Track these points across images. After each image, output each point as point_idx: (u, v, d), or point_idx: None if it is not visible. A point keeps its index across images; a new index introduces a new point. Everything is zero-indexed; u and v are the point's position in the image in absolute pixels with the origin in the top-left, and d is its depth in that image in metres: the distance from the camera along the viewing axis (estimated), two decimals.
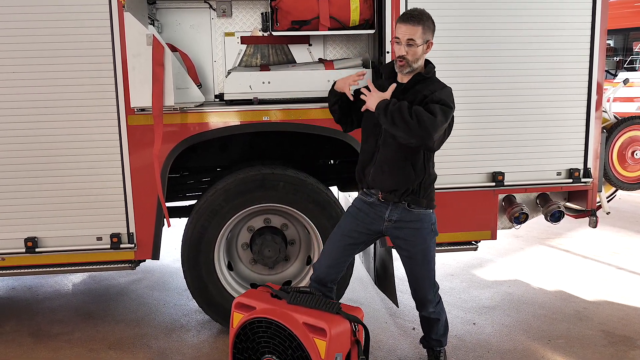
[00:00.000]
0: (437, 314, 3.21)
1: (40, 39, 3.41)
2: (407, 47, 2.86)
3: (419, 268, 3.07)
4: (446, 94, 2.86)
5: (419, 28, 2.84)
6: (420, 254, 3.04)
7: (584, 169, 3.95)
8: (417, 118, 2.68)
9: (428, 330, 3.29)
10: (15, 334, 4.00)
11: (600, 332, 3.92)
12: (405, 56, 2.87)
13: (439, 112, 2.72)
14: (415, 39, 2.84)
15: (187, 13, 3.88)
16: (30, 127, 3.48)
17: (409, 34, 2.84)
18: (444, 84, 2.95)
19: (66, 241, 3.62)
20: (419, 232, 3.02)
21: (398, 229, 3.02)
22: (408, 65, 2.90)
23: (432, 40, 2.93)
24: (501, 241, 5.84)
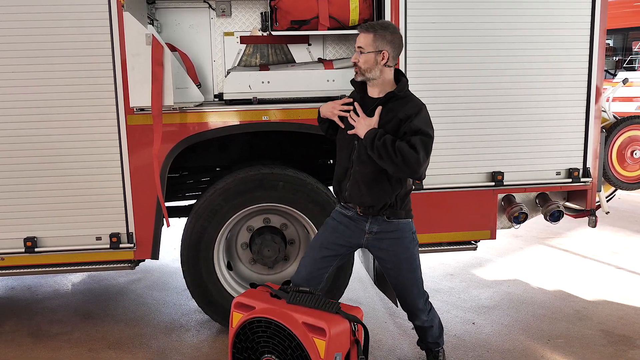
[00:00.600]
0: (430, 322, 3.19)
1: (40, 39, 3.41)
2: (358, 54, 2.85)
3: (405, 277, 3.04)
4: (423, 120, 2.80)
5: (370, 36, 2.80)
6: (405, 262, 3.01)
7: (583, 169, 3.96)
8: (401, 156, 2.68)
9: (423, 336, 3.28)
10: (14, 333, 4.00)
11: (599, 332, 3.92)
12: (356, 62, 2.87)
13: (420, 148, 2.69)
14: (363, 46, 2.81)
15: (187, 13, 3.88)
16: (29, 127, 3.48)
17: (359, 41, 2.85)
18: (418, 103, 2.86)
19: (65, 241, 3.62)
20: (401, 241, 3.00)
21: (379, 240, 3.00)
22: (361, 73, 2.87)
23: (389, 52, 2.81)
24: (500, 241, 5.84)
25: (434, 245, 3.95)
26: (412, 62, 3.68)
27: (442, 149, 3.79)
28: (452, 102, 3.75)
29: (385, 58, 2.82)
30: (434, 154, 3.72)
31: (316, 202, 3.71)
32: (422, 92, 3.67)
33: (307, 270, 3.09)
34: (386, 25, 2.85)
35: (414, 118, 2.77)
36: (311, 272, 3.08)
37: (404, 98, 2.87)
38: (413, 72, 3.67)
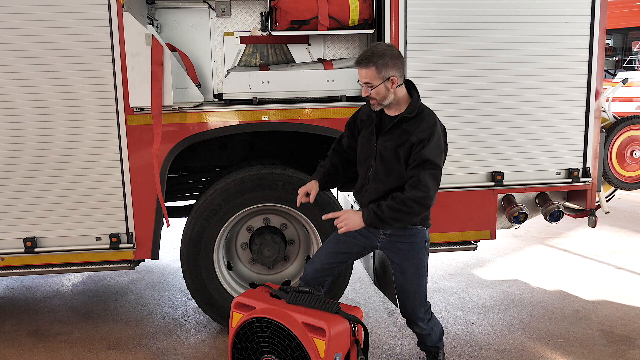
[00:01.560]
0: (429, 330, 3.18)
1: (39, 39, 3.41)
2: (367, 89, 2.84)
3: (410, 282, 3.04)
4: (435, 146, 2.79)
5: (372, 69, 2.77)
6: (412, 268, 3.02)
7: (583, 169, 3.96)
8: (414, 203, 2.75)
9: (422, 340, 3.28)
10: (14, 333, 4.00)
11: (599, 332, 3.93)
12: (370, 96, 2.86)
13: (431, 183, 2.75)
14: (371, 81, 2.80)
15: (186, 13, 3.88)
16: (29, 127, 3.48)
17: (363, 77, 2.82)
18: (431, 123, 2.84)
19: (65, 241, 3.62)
20: (412, 246, 3.00)
21: (392, 243, 3.02)
22: (379, 104, 2.88)
23: (397, 75, 2.80)
24: (500, 241, 5.85)
25: (434, 245, 3.95)
26: (412, 62, 3.68)
27: None
28: (452, 102, 3.76)
29: (395, 82, 2.81)
30: None
31: (316, 202, 3.69)
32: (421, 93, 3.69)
33: (321, 262, 3.11)
34: (382, 52, 2.79)
35: (426, 144, 2.77)
36: (323, 264, 3.11)
37: (417, 117, 2.86)
38: (413, 72, 3.68)
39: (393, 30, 3.63)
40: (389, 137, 2.89)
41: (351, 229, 2.90)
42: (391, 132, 2.88)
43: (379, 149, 2.92)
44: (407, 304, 3.10)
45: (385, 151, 2.89)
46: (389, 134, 2.89)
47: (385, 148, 2.89)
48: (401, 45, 3.65)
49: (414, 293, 3.06)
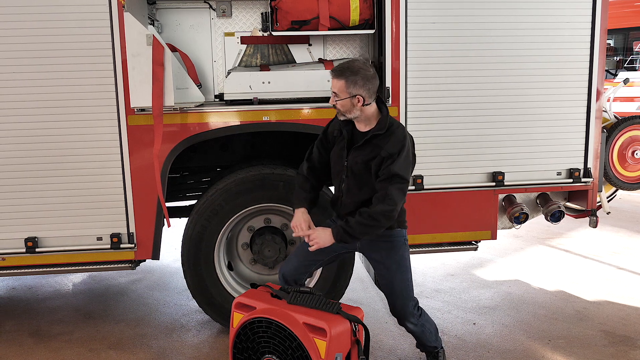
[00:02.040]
0: (421, 326, 3.18)
1: (41, 39, 3.41)
2: (334, 98, 2.89)
3: (395, 279, 3.07)
4: (403, 161, 2.85)
5: (342, 82, 2.83)
6: (394, 264, 3.06)
7: (584, 169, 3.95)
8: (382, 216, 2.83)
9: (418, 341, 3.29)
10: (15, 333, 4.00)
11: (600, 332, 3.92)
12: (335, 105, 2.91)
13: (397, 197, 2.83)
14: (337, 92, 2.86)
15: (187, 13, 3.88)
16: (31, 127, 3.49)
17: (333, 86, 2.89)
18: (400, 138, 2.88)
19: (66, 241, 3.63)
20: (391, 244, 3.06)
21: (372, 243, 3.07)
22: (342, 114, 2.93)
23: (363, 95, 2.83)
24: (501, 241, 5.84)
25: (435, 245, 3.95)
26: (412, 62, 3.68)
27: (443, 150, 3.79)
28: (453, 103, 3.75)
29: (360, 101, 2.86)
30: (435, 153, 3.75)
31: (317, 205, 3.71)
32: (422, 93, 3.72)
33: (299, 260, 3.16)
34: (356, 69, 2.83)
35: (396, 158, 2.84)
36: (301, 262, 3.16)
37: (387, 132, 2.91)
38: (413, 72, 3.68)
39: (394, 30, 3.63)
40: (359, 152, 2.95)
41: (322, 246, 2.96)
42: (362, 148, 2.94)
43: (349, 164, 2.98)
44: (395, 301, 3.12)
45: (355, 165, 2.95)
46: (360, 149, 2.95)
47: (356, 163, 2.95)
48: (402, 45, 3.65)
49: (400, 288, 3.09)
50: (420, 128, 3.74)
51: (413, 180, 3.77)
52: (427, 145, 3.77)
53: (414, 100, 3.71)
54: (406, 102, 3.71)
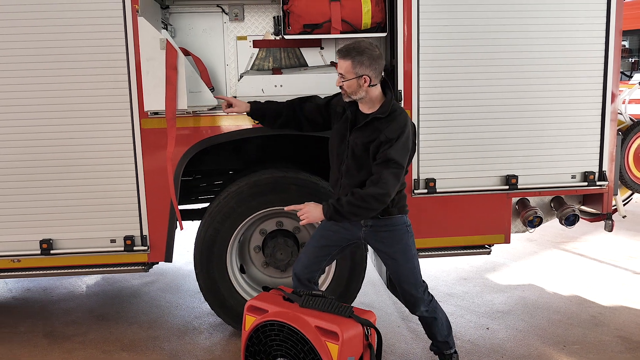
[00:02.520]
0: (432, 312, 3.21)
1: (55, 44, 3.45)
2: (341, 79, 2.91)
3: (402, 267, 3.10)
4: (401, 147, 2.86)
5: (348, 62, 2.86)
6: (399, 253, 3.09)
7: (599, 172, 3.91)
8: (372, 198, 2.84)
9: (431, 333, 3.29)
10: (30, 334, 4.04)
11: (616, 338, 3.87)
12: (341, 86, 2.94)
13: (390, 181, 2.84)
14: (344, 73, 2.89)
15: (200, 17, 3.90)
16: (45, 131, 3.53)
17: (339, 67, 2.91)
18: (401, 124, 2.89)
19: (81, 243, 3.66)
20: (394, 233, 3.07)
21: (375, 233, 3.08)
22: (347, 96, 2.95)
23: (370, 75, 2.86)
24: (515, 245, 5.80)
25: (448, 249, 3.93)
26: (425, 65, 3.67)
27: (456, 153, 3.77)
28: (466, 106, 3.73)
29: (367, 81, 2.88)
30: (448, 157, 3.73)
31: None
32: (435, 96, 3.71)
33: (308, 257, 3.19)
34: (362, 49, 2.87)
35: (394, 143, 2.85)
36: (311, 259, 3.18)
37: (389, 116, 2.92)
38: (426, 75, 3.67)
39: (406, 33, 3.62)
40: (360, 133, 2.96)
41: (312, 221, 3.02)
42: (363, 130, 2.95)
43: (350, 145, 2.99)
44: (405, 287, 3.14)
45: (356, 147, 2.96)
46: (360, 130, 2.96)
47: (357, 144, 2.96)
48: (414, 48, 3.63)
49: (408, 276, 3.12)
50: (432, 131, 3.73)
51: (426, 183, 3.75)
52: (440, 149, 3.75)
53: (426, 103, 3.70)
54: (418, 105, 3.70)
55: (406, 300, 3.18)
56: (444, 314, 3.29)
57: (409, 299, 3.16)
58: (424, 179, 3.76)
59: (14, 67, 3.46)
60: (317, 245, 3.18)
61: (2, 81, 3.47)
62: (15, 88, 3.48)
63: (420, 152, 3.73)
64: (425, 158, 3.75)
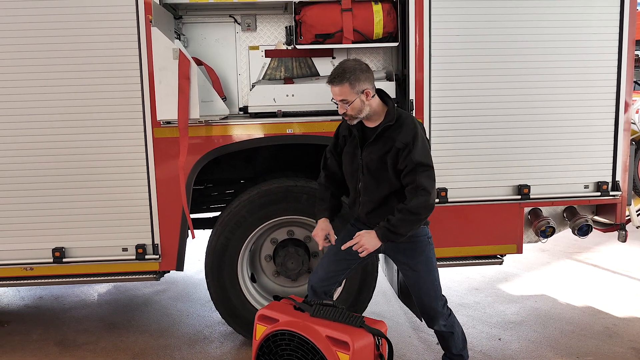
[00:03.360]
0: (450, 327, 3.17)
1: (69, 54, 3.49)
2: (344, 105, 2.88)
3: (423, 280, 3.07)
4: (422, 148, 2.86)
5: (345, 85, 2.83)
6: (421, 265, 3.05)
7: (613, 182, 3.88)
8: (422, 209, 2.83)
9: (446, 345, 3.26)
10: (42, 342, 4.06)
11: (630, 350, 3.82)
12: (346, 112, 2.90)
13: (429, 185, 2.84)
14: (346, 97, 2.85)
15: (213, 27, 3.93)
16: (59, 140, 3.56)
17: (338, 94, 2.87)
18: (412, 126, 2.90)
19: (93, 252, 3.68)
20: (416, 245, 3.04)
21: (396, 245, 3.04)
22: (355, 118, 2.92)
23: (369, 87, 2.87)
24: (527, 255, 5.75)
25: (460, 259, 3.91)
26: (436, 74, 3.67)
27: (468, 162, 3.76)
28: (478, 115, 3.73)
29: (369, 95, 2.88)
30: (460, 166, 3.72)
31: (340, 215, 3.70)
32: (447, 106, 3.70)
33: (324, 271, 3.15)
34: (352, 67, 2.85)
35: (412, 148, 2.83)
36: (327, 273, 3.14)
37: (397, 123, 2.91)
38: (437, 84, 3.67)
39: (417, 43, 3.63)
40: (372, 147, 2.94)
41: (371, 250, 2.93)
42: (375, 143, 2.94)
43: (364, 161, 2.97)
44: (424, 300, 3.10)
45: (371, 162, 2.94)
46: (372, 145, 2.94)
47: (371, 159, 2.94)
48: (426, 57, 3.64)
49: (428, 289, 3.08)
50: (444, 140, 3.72)
51: (437, 193, 3.74)
52: (452, 158, 3.74)
53: (438, 112, 3.70)
54: (430, 114, 3.69)
55: (425, 313, 3.14)
56: (461, 328, 3.25)
57: (428, 312, 3.12)
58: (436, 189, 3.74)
59: (28, 76, 3.50)
60: (336, 259, 3.13)
61: (16, 90, 3.51)
62: (27, 98, 3.52)
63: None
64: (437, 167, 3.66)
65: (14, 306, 4.79)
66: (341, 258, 3.11)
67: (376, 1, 3.64)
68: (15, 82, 3.50)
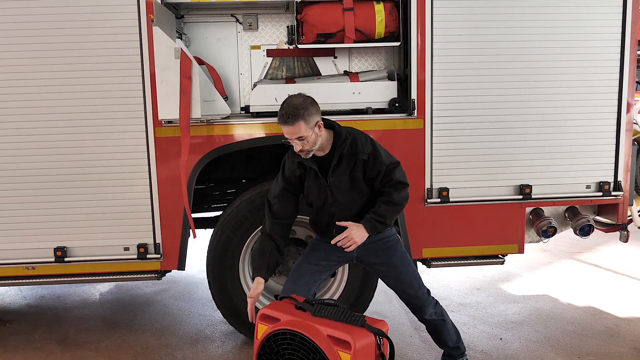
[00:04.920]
0: (440, 315, 3.23)
1: (71, 53, 3.50)
2: (301, 142, 2.86)
3: (403, 273, 3.14)
4: (383, 152, 2.99)
5: (301, 123, 2.80)
6: (398, 260, 3.13)
7: (615, 182, 3.88)
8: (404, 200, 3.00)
9: (441, 340, 3.29)
10: (44, 341, 4.06)
11: (632, 350, 3.82)
12: (302, 149, 2.89)
13: (402, 177, 2.99)
14: (303, 134, 2.83)
15: (214, 27, 3.94)
16: (60, 139, 3.57)
17: (295, 132, 2.83)
18: (362, 137, 2.98)
19: (94, 251, 3.68)
20: (389, 244, 3.13)
21: (369, 250, 3.11)
22: (310, 152, 2.92)
23: (319, 119, 2.88)
24: (529, 255, 5.75)
25: (461, 258, 3.91)
26: (438, 74, 3.67)
27: (470, 162, 3.76)
28: (480, 115, 3.73)
29: (321, 126, 2.90)
30: (462, 166, 3.73)
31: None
32: (448, 105, 3.71)
33: (296, 284, 3.13)
34: (302, 104, 2.82)
35: (376, 155, 2.95)
36: (300, 285, 3.12)
37: (347, 139, 2.95)
38: (439, 84, 3.67)
39: (419, 42, 3.63)
40: (338, 170, 2.98)
41: (359, 243, 3.00)
42: (338, 165, 2.97)
43: (332, 187, 3.00)
44: (410, 292, 3.16)
45: (340, 184, 2.99)
46: (337, 168, 2.97)
47: (340, 181, 2.99)
48: (427, 57, 3.64)
49: (411, 280, 3.15)
50: (446, 140, 3.72)
51: (439, 192, 3.75)
52: (453, 158, 3.74)
53: (439, 112, 3.70)
54: (432, 114, 3.69)
55: (412, 305, 3.20)
56: (451, 321, 3.31)
57: (415, 303, 3.18)
58: (437, 188, 3.75)
59: (29, 75, 3.51)
60: (308, 272, 3.14)
61: (17, 89, 3.52)
62: (28, 97, 3.52)
63: (433, 161, 3.73)
64: (439, 167, 3.74)
65: (15, 305, 4.80)
66: (313, 271, 3.14)
67: (378, 1, 3.64)
68: (16, 80, 3.51)
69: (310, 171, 3.04)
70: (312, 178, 3.05)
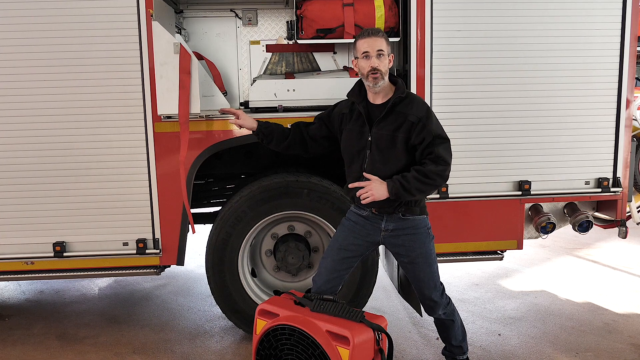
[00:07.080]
0: (450, 315, 3.18)
1: (70, 48, 3.48)
2: (378, 59, 2.84)
3: (422, 272, 3.05)
4: (436, 122, 2.92)
5: (383, 40, 2.87)
6: (421, 257, 3.03)
7: (614, 178, 3.88)
8: (437, 176, 2.84)
9: (446, 336, 3.26)
10: (42, 336, 4.07)
11: (630, 346, 3.83)
12: (378, 67, 2.84)
13: (447, 156, 2.87)
14: (384, 49, 2.86)
15: (214, 22, 3.93)
16: (59, 134, 3.56)
17: (377, 45, 2.84)
18: (422, 102, 2.96)
19: (93, 246, 3.68)
20: (416, 237, 3.02)
21: (395, 237, 3.02)
22: (382, 77, 2.87)
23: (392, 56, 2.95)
24: (527, 251, 5.76)
25: (460, 254, 3.91)
26: (438, 70, 3.66)
27: (469, 158, 3.76)
28: (479, 111, 3.72)
29: (392, 61, 2.93)
30: (461, 162, 3.73)
31: (341, 210, 3.70)
32: (448, 101, 3.70)
33: (328, 272, 3.09)
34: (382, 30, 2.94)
35: (426, 121, 2.85)
36: (331, 274, 3.09)
37: (407, 98, 2.92)
38: (438, 80, 3.66)
39: (419, 38, 3.62)
40: (383, 123, 2.90)
41: (377, 199, 2.87)
42: (385, 118, 2.90)
43: (373, 139, 2.92)
44: (425, 293, 3.10)
45: (381, 139, 2.90)
46: (382, 120, 2.90)
47: (381, 136, 2.90)
48: (427, 53, 3.63)
49: (428, 280, 3.07)
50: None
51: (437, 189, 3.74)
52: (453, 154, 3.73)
53: (438, 108, 3.69)
54: None
55: (424, 303, 3.15)
56: (460, 318, 3.26)
57: (427, 303, 3.13)
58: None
59: (27, 71, 3.49)
60: (337, 258, 3.08)
61: (16, 84, 3.50)
62: (27, 92, 3.51)
63: None
64: None
65: (14, 300, 4.80)
66: (343, 257, 3.07)
67: None
68: (15, 76, 3.49)
69: (357, 115, 2.98)
70: (357, 122, 2.98)
